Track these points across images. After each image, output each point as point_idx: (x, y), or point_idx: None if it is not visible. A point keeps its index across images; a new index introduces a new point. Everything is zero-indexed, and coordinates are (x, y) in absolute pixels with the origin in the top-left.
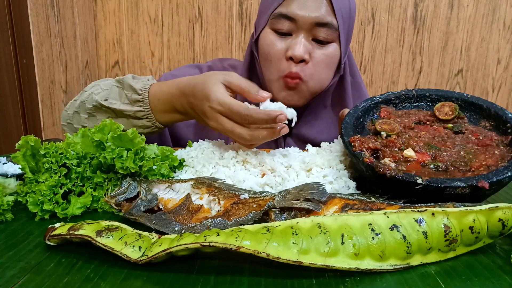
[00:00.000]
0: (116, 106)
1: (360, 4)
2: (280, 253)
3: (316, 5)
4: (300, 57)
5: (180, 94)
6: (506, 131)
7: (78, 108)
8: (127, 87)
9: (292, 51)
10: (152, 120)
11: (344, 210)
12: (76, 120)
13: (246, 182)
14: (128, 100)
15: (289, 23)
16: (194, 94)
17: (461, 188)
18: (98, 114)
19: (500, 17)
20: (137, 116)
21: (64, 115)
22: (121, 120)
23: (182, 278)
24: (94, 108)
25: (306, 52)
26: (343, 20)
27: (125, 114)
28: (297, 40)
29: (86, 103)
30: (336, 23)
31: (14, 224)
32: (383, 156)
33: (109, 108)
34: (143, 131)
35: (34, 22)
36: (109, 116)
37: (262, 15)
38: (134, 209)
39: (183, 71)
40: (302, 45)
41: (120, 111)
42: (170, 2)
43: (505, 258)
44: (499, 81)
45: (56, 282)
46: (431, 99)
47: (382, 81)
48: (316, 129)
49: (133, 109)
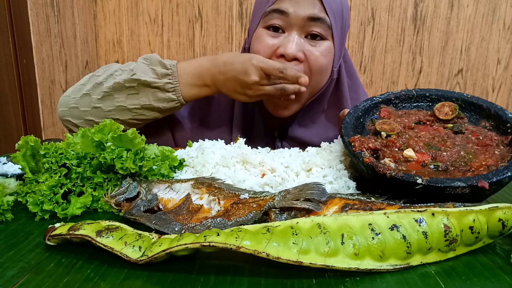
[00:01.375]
0: (146, 79)
1: (360, 4)
2: (280, 253)
3: (308, 4)
4: (292, 54)
5: (211, 65)
6: (506, 131)
7: (90, 90)
8: (155, 63)
9: (284, 48)
10: (177, 94)
11: (344, 210)
12: (84, 103)
13: (246, 182)
14: (156, 74)
15: (281, 18)
16: (226, 63)
17: (461, 188)
18: (117, 93)
19: (500, 17)
20: (165, 89)
21: (65, 100)
22: (143, 95)
23: (182, 278)
24: (114, 87)
25: (300, 50)
26: (336, 20)
27: (153, 86)
28: (290, 37)
29: (104, 83)
30: (329, 20)
31: (14, 224)
32: (383, 156)
33: (136, 81)
34: (166, 105)
35: (34, 22)
36: (129, 93)
37: (255, 17)
38: (134, 209)
39: None
40: (295, 43)
41: (148, 83)
42: (170, 2)
43: (505, 258)
44: (499, 81)
45: (56, 282)
46: (431, 99)
47: (382, 81)
48: (312, 132)
49: (162, 81)
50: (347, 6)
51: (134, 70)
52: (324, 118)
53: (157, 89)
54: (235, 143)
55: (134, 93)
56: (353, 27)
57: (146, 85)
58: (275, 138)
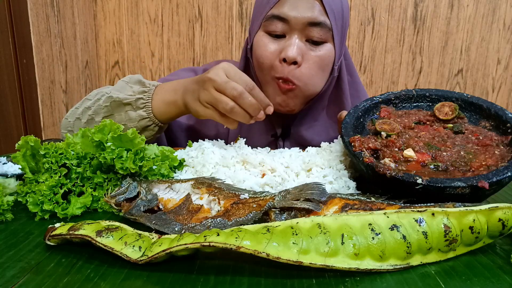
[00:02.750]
0: (119, 95)
1: (360, 4)
2: (280, 253)
3: (308, 6)
4: (293, 58)
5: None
6: (506, 131)
7: (80, 114)
8: (134, 82)
9: (285, 52)
10: (148, 110)
11: (344, 210)
12: (77, 126)
13: (246, 182)
14: (133, 92)
15: (282, 24)
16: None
17: (461, 188)
18: (97, 115)
19: (500, 17)
20: (137, 105)
21: (65, 123)
22: (117, 115)
23: (182, 278)
24: (95, 110)
25: (300, 53)
26: (336, 21)
27: (125, 103)
28: (291, 41)
29: (91, 108)
30: (329, 23)
31: (14, 224)
32: (383, 156)
33: (109, 99)
34: (138, 124)
35: (34, 22)
36: (104, 114)
37: (255, 19)
38: (134, 209)
39: (178, 74)
40: (296, 47)
41: (120, 100)
42: (170, 2)
43: (505, 258)
44: (499, 81)
45: (56, 282)
46: (431, 99)
47: (382, 81)
48: (314, 131)
49: (134, 97)
50: (347, 4)
51: (111, 89)
52: (325, 116)
53: (129, 106)
54: (235, 143)
55: (109, 114)
56: (353, 27)
57: (119, 103)
58: (277, 138)
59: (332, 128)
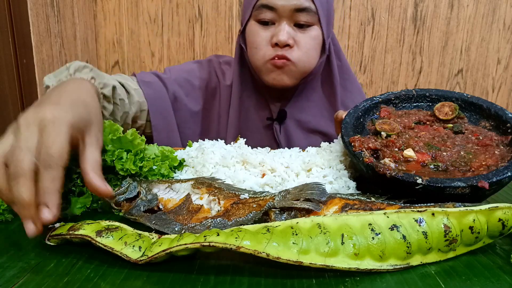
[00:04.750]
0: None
1: (360, 4)
2: (280, 253)
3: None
4: (284, 41)
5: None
6: (506, 131)
7: None
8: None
9: (277, 37)
10: None
11: (344, 210)
12: None
13: (246, 182)
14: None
15: (271, 12)
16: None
17: (461, 188)
18: None
19: (500, 17)
20: None
21: None
22: None
23: (182, 278)
24: None
25: (290, 37)
26: (321, 4)
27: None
28: (280, 27)
29: None
30: (314, 7)
31: (14, 224)
32: (383, 156)
33: None
34: None
35: (34, 22)
36: None
37: (246, 9)
38: (134, 209)
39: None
40: (285, 31)
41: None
42: (170, 2)
43: (505, 258)
44: (499, 81)
45: (56, 282)
46: (431, 99)
47: (382, 81)
48: (308, 112)
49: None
50: None
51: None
52: (317, 97)
53: None
54: (235, 143)
55: None
56: (353, 27)
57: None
58: (273, 121)
59: (326, 109)
